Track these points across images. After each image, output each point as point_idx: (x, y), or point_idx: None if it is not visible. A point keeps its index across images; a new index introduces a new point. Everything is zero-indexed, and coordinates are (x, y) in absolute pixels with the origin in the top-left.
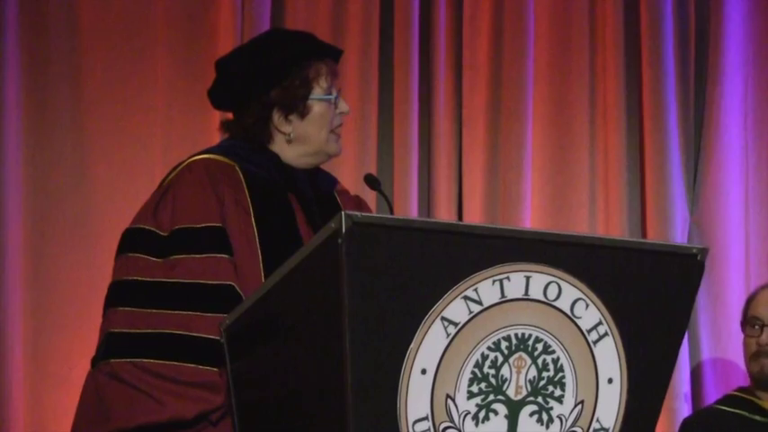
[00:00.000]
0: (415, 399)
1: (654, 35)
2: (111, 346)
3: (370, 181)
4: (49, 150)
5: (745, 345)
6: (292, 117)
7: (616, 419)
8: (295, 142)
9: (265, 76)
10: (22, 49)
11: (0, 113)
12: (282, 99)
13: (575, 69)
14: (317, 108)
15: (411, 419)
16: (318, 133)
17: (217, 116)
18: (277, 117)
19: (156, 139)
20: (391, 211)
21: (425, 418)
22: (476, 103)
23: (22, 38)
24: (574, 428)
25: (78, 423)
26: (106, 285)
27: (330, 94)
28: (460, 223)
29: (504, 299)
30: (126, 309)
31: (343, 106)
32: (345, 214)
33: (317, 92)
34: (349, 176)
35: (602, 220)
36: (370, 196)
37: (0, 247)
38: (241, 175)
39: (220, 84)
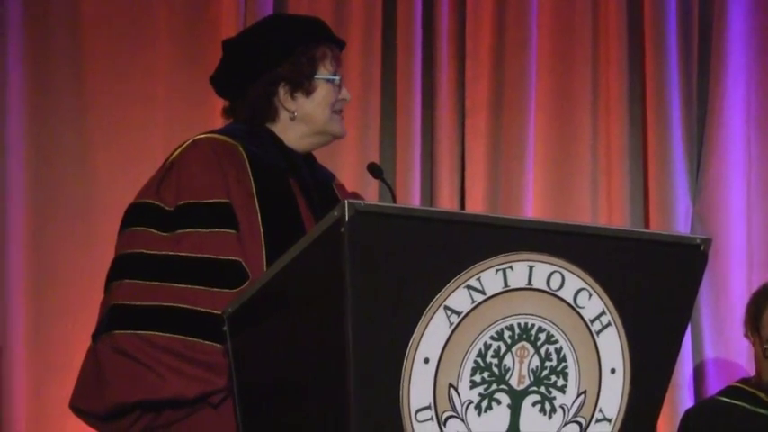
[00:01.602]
0: (418, 388)
1: (657, 26)
2: (114, 318)
3: (374, 170)
4: (51, 139)
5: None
6: (297, 94)
7: (619, 410)
8: (298, 121)
9: (274, 52)
10: (24, 39)
11: (3, 103)
12: (289, 75)
13: (578, 60)
14: (321, 88)
15: (414, 408)
16: (322, 112)
17: (218, 106)
18: (283, 93)
19: (158, 128)
20: (394, 201)
21: (428, 407)
22: (478, 93)
23: (24, 28)
24: (576, 418)
25: (77, 396)
26: (107, 273)
27: (335, 76)
28: (464, 212)
29: (507, 288)
30: (131, 281)
31: (345, 93)
32: (348, 203)
33: (323, 72)
34: (351, 166)
35: (605, 210)
36: (372, 185)
37: (2, 236)
38: (245, 156)
39: (227, 63)
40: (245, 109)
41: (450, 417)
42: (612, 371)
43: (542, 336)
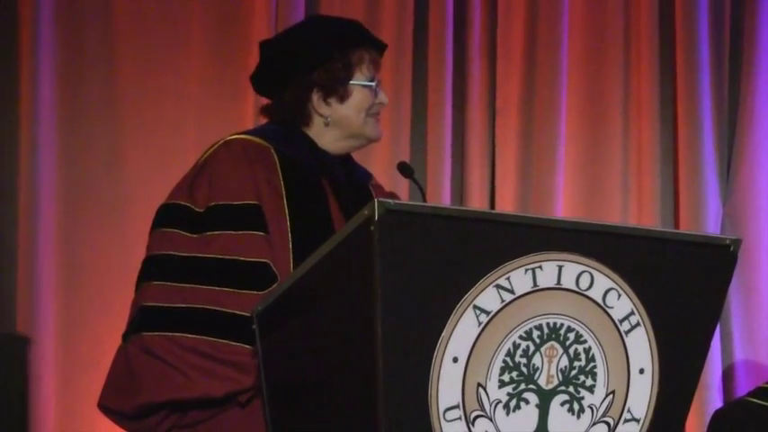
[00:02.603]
0: (447, 387)
1: (688, 26)
2: (144, 320)
3: (404, 168)
4: (82, 136)
5: None
6: (331, 100)
7: (647, 410)
8: (332, 125)
9: (309, 56)
10: (56, 35)
11: (35, 102)
12: (323, 81)
13: (609, 60)
14: (356, 93)
15: (442, 407)
16: (356, 117)
17: (250, 103)
18: (316, 99)
19: (189, 125)
20: (424, 199)
21: (456, 407)
22: (509, 92)
23: (56, 24)
24: (605, 418)
25: (106, 395)
26: (137, 270)
27: (372, 81)
28: (493, 212)
29: (536, 288)
30: (160, 283)
31: (382, 97)
32: (379, 201)
33: (359, 77)
34: (382, 165)
35: (635, 210)
36: (402, 184)
37: (33, 232)
38: (276, 158)
39: (263, 64)
40: (279, 112)
41: (479, 416)
42: (641, 371)
43: (571, 335)
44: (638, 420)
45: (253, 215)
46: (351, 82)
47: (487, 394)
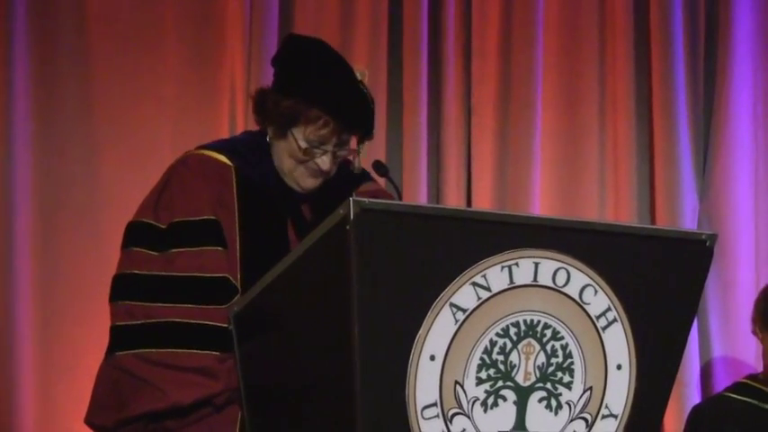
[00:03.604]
0: (424, 385)
1: (664, 23)
2: (115, 340)
3: (379, 167)
4: (58, 140)
5: None
6: (270, 126)
7: (625, 406)
8: (273, 148)
9: (277, 78)
10: (30, 38)
11: (9, 104)
12: (269, 105)
13: (584, 57)
14: (290, 141)
15: (420, 406)
16: (285, 158)
17: (226, 104)
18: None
19: (166, 128)
20: (400, 198)
21: (434, 405)
22: (485, 90)
23: (30, 28)
24: (582, 415)
25: (92, 411)
26: (113, 272)
27: (314, 147)
28: (469, 209)
29: (512, 285)
30: (126, 302)
31: (322, 162)
32: (354, 200)
33: (298, 132)
34: None
35: (612, 207)
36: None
37: (9, 236)
38: (233, 176)
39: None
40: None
41: (457, 414)
42: (618, 367)
43: (548, 332)
44: (615, 416)
45: (210, 230)
46: (290, 129)
47: (465, 392)
